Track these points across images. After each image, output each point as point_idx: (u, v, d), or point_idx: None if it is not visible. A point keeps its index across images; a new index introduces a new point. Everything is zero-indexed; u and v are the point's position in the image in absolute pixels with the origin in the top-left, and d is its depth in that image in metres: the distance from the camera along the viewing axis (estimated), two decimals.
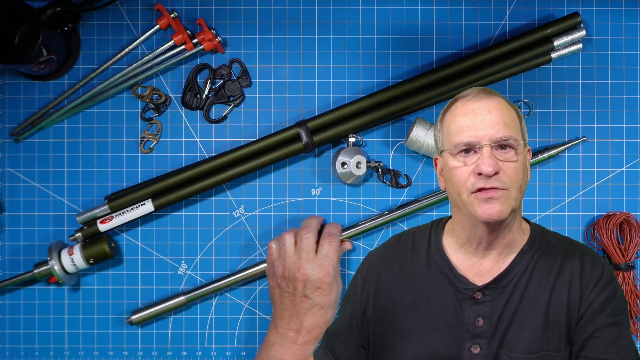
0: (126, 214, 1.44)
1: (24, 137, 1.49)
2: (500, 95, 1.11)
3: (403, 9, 1.49)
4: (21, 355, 1.50)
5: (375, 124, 1.47)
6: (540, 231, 1.18)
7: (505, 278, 1.12)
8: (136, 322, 1.46)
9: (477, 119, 1.06)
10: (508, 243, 1.12)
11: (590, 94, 1.49)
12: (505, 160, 1.05)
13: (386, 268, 1.20)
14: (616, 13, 1.48)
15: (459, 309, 1.12)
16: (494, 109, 1.07)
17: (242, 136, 1.49)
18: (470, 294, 1.12)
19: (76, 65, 1.49)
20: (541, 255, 1.14)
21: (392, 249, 1.23)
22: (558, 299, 1.10)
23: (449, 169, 1.09)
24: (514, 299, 1.11)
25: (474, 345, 1.11)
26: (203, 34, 1.44)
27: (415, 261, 1.18)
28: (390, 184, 1.48)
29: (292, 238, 1.40)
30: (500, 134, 1.05)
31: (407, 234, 1.24)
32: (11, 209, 1.50)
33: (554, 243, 1.16)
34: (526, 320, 1.10)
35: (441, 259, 1.16)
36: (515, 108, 1.12)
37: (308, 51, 1.49)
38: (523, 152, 1.08)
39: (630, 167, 1.48)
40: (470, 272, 1.14)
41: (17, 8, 1.37)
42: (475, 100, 1.08)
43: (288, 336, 1.36)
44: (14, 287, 1.49)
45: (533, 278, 1.12)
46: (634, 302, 1.45)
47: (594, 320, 1.08)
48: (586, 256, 1.14)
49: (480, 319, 1.11)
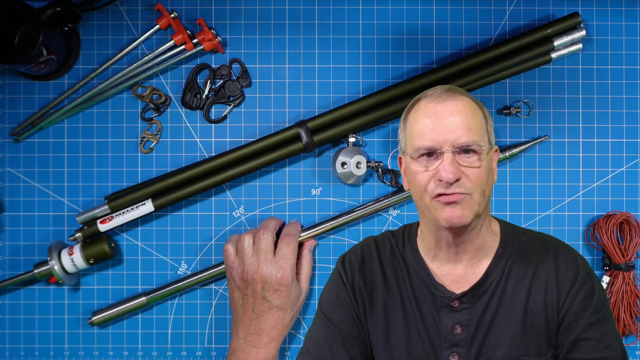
0: (126, 214, 1.44)
1: (24, 137, 1.49)
2: (466, 95, 1.07)
3: (403, 9, 1.49)
4: (21, 355, 1.50)
5: (375, 124, 1.47)
6: (511, 230, 1.15)
7: (483, 285, 1.10)
8: (97, 323, 1.46)
9: (439, 122, 1.02)
10: (479, 247, 1.10)
11: (590, 94, 1.49)
12: (468, 166, 1.02)
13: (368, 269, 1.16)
14: (616, 13, 1.48)
15: (437, 317, 1.10)
16: (458, 111, 1.03)
17: (242, 136, 1.49)
18: (448, 302, 1.10)
19: (76, 65, 1.49)
20: (515, 257, 1.11)
21: (370, 251, 1.18)
22: (535, 303, 1.08)
23: (410, 172, 1.06)
24: (491, 306, 1.09)
25: (452, 353, 1.09)
26: (203, 34, 1.44)
27: (395, 264, 1.16)
28: (390, 184, 1.48)
29: (250, 239, 1.38)
30: (463, 139, 1.01)
31: (382, 238, 1.20)
32: (11, 209, 1.50)
33: (526, 241, 1.13)
34: (504, 326, 1.08)
35: (418, 264, 1.13)
36: (482, 108, 1.08)
37: (308, 51, 1.49)
38: (488, 155, 1.04)
39: (630, 167, 1.49)
40: (447, 279, 1.11)
41: (17, 8, 1.37)
42: (438, 101, 1.04)
43: (249, 340, 1.34)
44: (14, 287, 1.49)
45: (509, 283, 1.09)
46: (634, 302, 1.45)
47: (577, 321, 1.06)
48: (559, 254, 1.11)
49: (458, 327, 1.09)
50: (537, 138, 1.47)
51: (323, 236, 1.48)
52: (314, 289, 1.49)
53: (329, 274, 1.48)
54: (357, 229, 1.49)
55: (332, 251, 1.49)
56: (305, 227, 1.47)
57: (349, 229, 1.49)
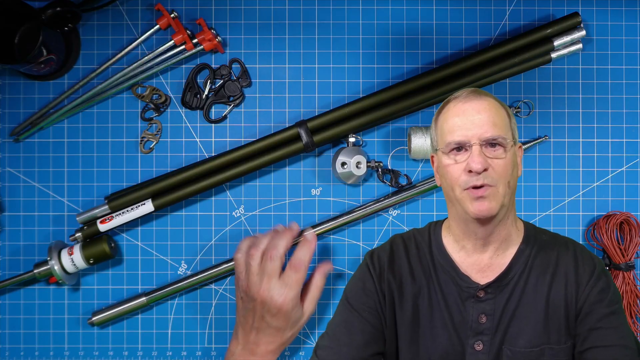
0: (126, 214, 1.44)
1: (24, 137, 1.49)
2: (490, 96, 1.17)
3: (403, 9, 1.49)
4: (21, 355, 1.50)
5: (375, 124, 1.47)
6: (533, 229, 1.24)
7: (507, 276, 1.18)
8: (97, 323, 1.46)
9: (467, 119, 1.13)
10: (504, 238, 1.18)
11: (590, 94, 1.49)
12: (494, 157, 1.11)
13: (397, 262, 1.24)
14: (616, 13, 1.48)
15: (462, 307, 1.18)
16: (483, 109, 1.13)
17: (242, 136, 1.49)
18: (473, 292, 1.17)
19: (76, 65, 1.49)
20: (537, 252, 1.20)
21: (399, 248, 1.26)
22: (556, 294, 1.16)
23: (442, 167, 1.16)
24: (514, 296, 1.17)
25: (477, 342, 1.16)
26: (203, 34, 1.44)
27: (422, 258, 1.23)
28: (390, 184, 1.48)
29: (258, 257, 1.35)
30: (489, 133, 1.11)
31: (409, 236, 1.28)
32: (11, 209, 1.50)
33: (546, 240, 1.22)
34: (527, 316, 1.16)
35: (444, 259, 1.21)
36: (505, 107, 1.18)
37: (308, 51, 1.49)
38: (512, 149, 1.14)
39: (630, 167, 1.49)
40: (472, 270, 1.19)
41: (17, 8, 1.37)
42: (465, 101, 1.15)
43: (247, 347, 1.34)
44: (14, 287, 1.49)
45: (531, 275, 1.18)
46: (634, 302, 1.45)
47: (594, 311, 1.14)
48: (578, 252, 1.21)
49: (483, 317, 1.16)
50: (538, 138, 1.47)
51: (323, 236, 1.48)
52: None
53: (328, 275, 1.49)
54: (357, 229, 1.49)
55: (332, 251, 1.49)
56: (305, 227, 1.47)
57: (349, 229, 1.49)
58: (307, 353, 1.50)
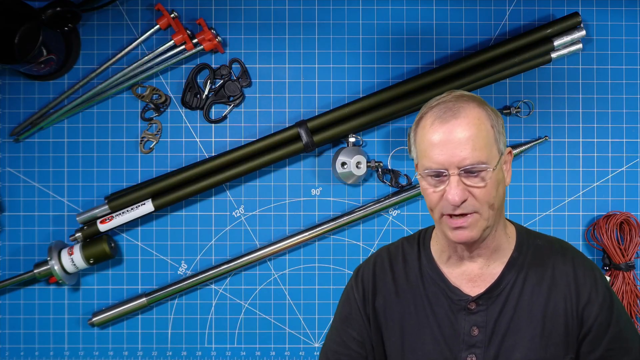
0: (126, 214, 1.44)
1: (24, 137, 1.49)
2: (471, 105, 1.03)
3: (403, 9, 1.49)
4: (21, 355, 1.50)
5: (375, 124, 1.47)
6: (526, 234, 1.15)
7: (498, 287, 1.10)
8: (97, 324, 1.46)
9: (444, 145, 1.01)
10: (494, 249, 1.11)
11: (590, 94, 1.49)
12: (474, 186, 1.01)
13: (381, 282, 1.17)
14: (616, 13, 1.48)
15: (454, 320, 1.11)
16: (462, 130, 1.00)
17: (242, 136, 1.49)
18: (464, 305, 1.10)
19: (76, 65, 1.49)
20: (531, 261, 1.12)
21: (383, 263, 1.18)
22: (554, 308, 1.09)
23: (421, 187, 1.06)
24: (508, 307, 1.10)
25: (470, 355, 1.10)
26: (203, 34, 1.44)
27: (408, 273, 1.16)
28: (390, 184, 1.48)
29: None
30: (468, 160, 0.99)
31: (396, 247, 1.20)
32: (11, 209, 1.50)
33: (541, 245, 1.14)
34: (522, 328, 1.09)
35: (433, 271, 1.14)
36: (490, 116, 1.04)
37: (308, 51, 1.49)
38: (498, 165, 1.03)
39: (630, 167, 1.48)
40: (462, 280, 1.12)
41: (17, 8, 1.37)
42: (442, 121, 1.02)
43: None
44: (14, 287, 1.49)
45: (526, 286, 1.11)
46: (634, 302, 1.45)
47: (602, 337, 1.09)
48: (576, 261, 1.13)
49: (475, 329, 1.10)
50: (538, 138, 1.47)
51: (323, 236, 1.48)
52: (314, 289, 1.49)
53: (328, 275, 1.49)
54: (357, 229, 1.49)
55: (332, 251, 1.49)
56: (305, 228, 1.47)
57: (349, 229, 1.49)
58: (307, 353, 1.50)
